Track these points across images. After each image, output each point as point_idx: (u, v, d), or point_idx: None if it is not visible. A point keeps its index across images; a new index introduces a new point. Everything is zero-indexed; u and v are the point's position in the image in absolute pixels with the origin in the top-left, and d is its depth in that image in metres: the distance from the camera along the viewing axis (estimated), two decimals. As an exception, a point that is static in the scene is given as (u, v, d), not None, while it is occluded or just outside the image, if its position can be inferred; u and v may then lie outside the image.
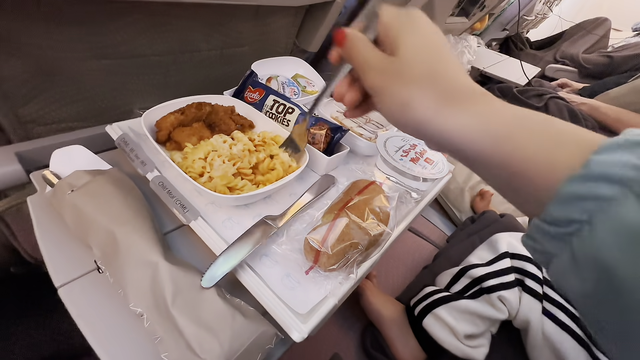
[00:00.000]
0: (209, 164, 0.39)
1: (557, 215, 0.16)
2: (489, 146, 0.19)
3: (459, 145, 0.20)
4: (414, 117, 0.21)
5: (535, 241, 0.18)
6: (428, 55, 0.22)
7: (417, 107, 0.21)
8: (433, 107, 0.21)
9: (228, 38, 0.62)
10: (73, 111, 0.52)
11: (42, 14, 0.38)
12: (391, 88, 0.22)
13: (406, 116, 0.22)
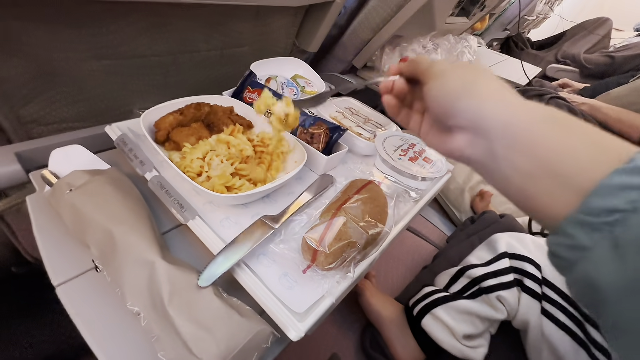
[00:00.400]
0: (207, 163, 0.39)
1: (599, 205, 0.17)
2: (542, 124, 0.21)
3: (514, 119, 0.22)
4: (478, 91, 0.23)
5: (567, 236, 0.18)
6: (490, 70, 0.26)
7: (481, 86, 0.24)
8: (496, 87, 0.23)
9: (228, 38, 0.62)
10: (73, 111, 0.52)
11: (43, 15, 0.38)
12: (460, 71, 0.25)
13: (468, 90, 0.24)
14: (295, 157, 0.46)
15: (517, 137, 0.21)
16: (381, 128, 0.58)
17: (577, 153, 0.19)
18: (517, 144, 0.21)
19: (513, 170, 0.22)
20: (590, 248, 0.17)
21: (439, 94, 0.25)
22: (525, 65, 1.64)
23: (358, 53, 0.86)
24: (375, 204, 0.38)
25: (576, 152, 0.19)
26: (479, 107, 0.23)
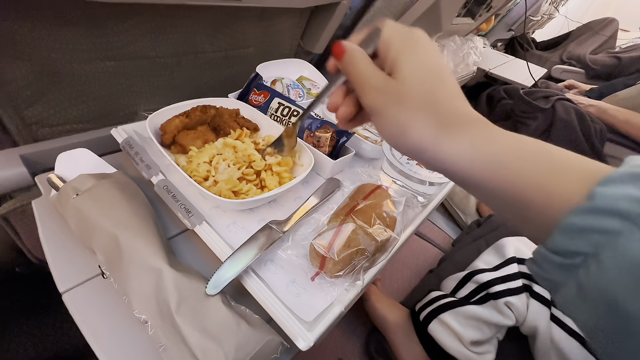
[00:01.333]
0: (213, 167, 0.39)
1: (562, 245, 0.16)
2: (488, 173, 0.20)
3: (457, 171, 0.21)
4: (412, 142, 0.22)
5: (540, 268, 0.18)
6: (428, 80, 0.22)
7: (415, 134, 0.21)
8: (431, 133, 0.21)
9: (233, 39, 0.62)
10: (78, 112, 0.52)
11: (47, 16, 0.38)
12: (390, 110, 0.22)
13: (404, 141, 0.22)
14: (302, 160, 0.45)
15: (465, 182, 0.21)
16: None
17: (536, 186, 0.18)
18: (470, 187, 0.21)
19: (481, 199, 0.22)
20: (561, 284, 0.17)
21: (382, 134, 0.24)
22: (530, 66, 1.63)
23: (363, 54, 0.85)
24: (383, 210, 0.37)
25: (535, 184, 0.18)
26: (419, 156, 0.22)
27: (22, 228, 0.53)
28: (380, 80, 0.22)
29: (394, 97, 0.22)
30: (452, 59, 0.97)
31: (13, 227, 0.53)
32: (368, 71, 0.23)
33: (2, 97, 0.43)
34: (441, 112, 0.21)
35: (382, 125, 0.23)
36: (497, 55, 1.72)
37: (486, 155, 0.20)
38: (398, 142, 0.22)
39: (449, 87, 0.22)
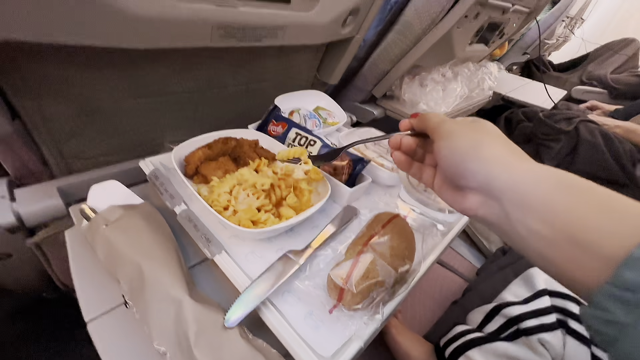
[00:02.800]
0: (233, 197, 0.40)
1: (634, 279, 0.15)
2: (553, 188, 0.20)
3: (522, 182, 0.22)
4: (485, 153, 0.24)
5: (603, 310, 0.16)
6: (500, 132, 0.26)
7: (489, 147, 0.24)
8: (504, 151, 0.24)
9: (253, 74, 0.66)
10: (110, 145, 0.55)
11: (87, 61, 0.42)
12: (467, 131, 0.26)
13: (475, 152, 0.24)
14: (319, 189, 0.46)
15: (530, 203, 0.21)
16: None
17: (597, 221, 0.18)
18: (531, 210, 0.21)
19: (530, 234, 0.21)
20: (629, 325, 0.15)
21: (448, 154, 0.26)
22: (549, 88, 1.61)
23: (378, 83, 0.87)
24: (402, 240, 0.36)
25: (595, 220, 0.18)
26: (487, 171, 0.23)
27: (52, 255, 0.56)
28: (454, 120, 0.27)
29: (471, 126, 0.26)
30: (466, 85, 0.97)
31: (45, 254, 0.55)
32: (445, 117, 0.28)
33: (45, 133, 0.47)
34: (510, 145, 0.25)
35: (454, 141, 0.25)
36: (513, 79, 1.72)
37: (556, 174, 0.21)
38: (468, 154, 0.24)
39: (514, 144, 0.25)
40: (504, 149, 0.24)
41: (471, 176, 0.24)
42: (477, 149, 0.24)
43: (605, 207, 0.19)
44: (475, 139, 0.25)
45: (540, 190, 0.21)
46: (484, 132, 0.26)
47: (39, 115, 0.44)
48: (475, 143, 0.24)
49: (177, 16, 0.39)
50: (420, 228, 0.43)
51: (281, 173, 0.46)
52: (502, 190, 0.22)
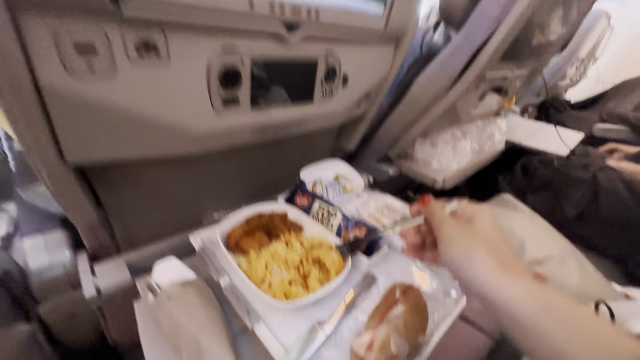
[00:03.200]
0: (269, 272, 0.47)
1: None
2: (539, 311, 0.23)
3: (510, 303, 0.25)
4: (476, 266, 0.27)
5: None
6: (494, 235, 0.30)
7: (480, 261, 0.27)
8: (493, 266, 0.26)
9: (281, 150, 0.77)
10: (164, 218, 0.66)
11: (155, 161, 0.54)
12: (462, 239, 0.29)
13: (469, 265, 0.27)
14: (340, 259, 0.52)
15: (521, 324, 0.24)
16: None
17: (578, 348, 0.21)
18: (523, 330, 0.24)
19: (525, 348, 0.24)
20: None
21: (447, 260, 0.29)
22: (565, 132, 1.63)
23: (391, 146, 0.96)
24: (416, 312, 0.41)
25: (576, 346, 0.21)
26: (480, 284, 0.26)
27: (108, 313, 0.64)
28: (456, 222, 0.31)
29: (466, 233, 0.29)
30: (476, 141, 1.04)
31: (104, 314, 0.64)
32: (446, 215, 0.32)
33: (118, 215, 0.58)
34: (502, 256, 0.27)
35: (452, 250, 0.29)
36: (526, 124, 1.76)
37: (541, 295, 0.24)
38: (463, 265, 0.28)
39: (508, 246, 0.29)
40: (494, 260, 0.27)
41: (468, 285, 0.28)
42: (469, 260, 0.27)
43: (586, 333, 0.22)
44: (467, 249, 0.28)
45: (528, 313, 0.24)
46: (477, 239, 0.28)
47: (115, 202, 0.56)
48: (468, 254, 0.28)
49: (223, 128, 0.50)
50: (434, 296, 0.48)
51: (307, 245, 0.54)
52: (495, 305, 0.25)
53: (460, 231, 0.30)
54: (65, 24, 0.31)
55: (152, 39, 0.36)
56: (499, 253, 0.28)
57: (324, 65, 0.57)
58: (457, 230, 0.30)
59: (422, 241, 0.37)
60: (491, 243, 0.28)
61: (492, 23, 0.66)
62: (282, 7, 0.43)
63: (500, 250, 0.28)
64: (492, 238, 0.29)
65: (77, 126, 0.37)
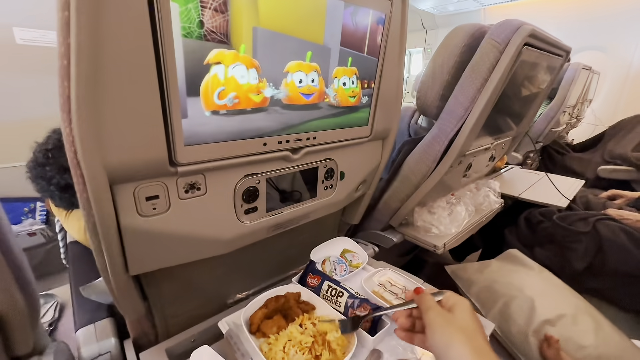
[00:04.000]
0: (286, 354, 0.55)
1: None
2: None
3: None
4: (454, 352, 0.34)
5: None
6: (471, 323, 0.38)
7: (456, 347, 0.34)
8: (468, 353, 0.33)
9: (293, 234, 0.88)
10: (195, 304, 0.76)
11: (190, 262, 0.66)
12: (443, 328, 0.36)
13: (448, 349, 0.34)
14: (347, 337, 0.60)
15: None
16: (417, 297, 0.71)
17: None
18: None
19: None
20: None
21: (430, 346, 0.37)
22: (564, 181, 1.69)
23: (392, 216, 1.07)
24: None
25: None
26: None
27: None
28: (441, 311, 0.39)
29: (447, 320, 0.37)
30: (472, 203, 1.13)
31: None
32: (434, 304, 0.40)
33: (159, 306, 0.68)
34: (477, 344, 0.34)
35: (434, 338, 0.36)
36: (525, 176, 1.83)
37: None
38: (443, 350, 0.34)
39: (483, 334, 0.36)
40: (469, 348, 0.33)
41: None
42: (448, 348, 0.34)
43: None
44: (447, 335, 0.35)
45: None
46: (457, 328, 0.35)
47: (157, 296, 0.67)
48: (447, 343, 0.34)
49: (246, 232, 0.62)
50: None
51: (318, 330, 0.62)
52: None
53: (443, 318, 0.38)
54: (142, 186, 0.46)
55: (195, 181, 0.51)
56: (474, 341, 0.34)
57: (324, 168, 0.71)
58: (440, 317, 0.38)
59: (412, 325, 0.45)
60: (468, 332, 0.35)
61: (459, 119, 0.80)
62: (287, 140, 0.59)
63: (475, 338, 0.35)
64: (469, 327, 0.36)
65: (140, 249, 0.50)
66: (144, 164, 0.44)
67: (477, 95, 0.78)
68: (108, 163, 0.40)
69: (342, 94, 0.63)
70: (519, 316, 0.98)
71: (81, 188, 0.41)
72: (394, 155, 1.05)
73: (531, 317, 0.97)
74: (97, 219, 0.43)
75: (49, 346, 0.56)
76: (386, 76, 0.70)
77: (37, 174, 0.82)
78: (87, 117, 0.38)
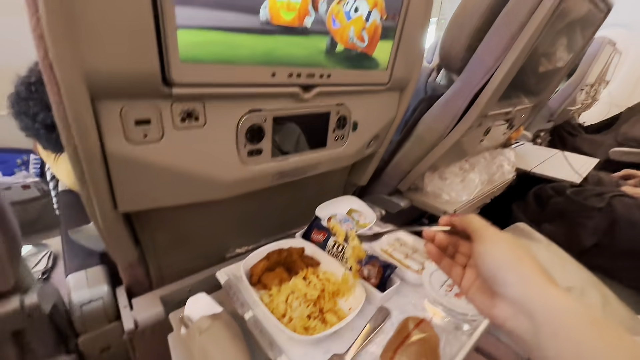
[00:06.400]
0: (289, 305, 0.51)
1: None
2: (590, 327, 0.23)
3: (558, 315, 0.24)
4: (524, 270, 0.27)
5: None
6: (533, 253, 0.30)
7: (528, 266, 0.27)
8: (539, 274, 0.26)
9: (296, 189, 0.83)
10: (191, 254, 0.72)
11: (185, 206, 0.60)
12: (508, 243, 0.29)
13: (517, 267, 0.27)
14: (355, 293, 0.56)
15: (564, 333, 0.23)
16: (428, 259, 0.67)
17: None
18: (563, 339, 0.23)
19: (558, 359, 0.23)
20: None
21: (490, 260, 0.29)
22: (577, 158, 1.63)
23: (401, 180, 1.01)
24: (427, 346, 0.44)
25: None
26: (525, 287, 0.26)
27: (138, 346, 0.69)
28: (498, 230, 0.31)
29: (512, 240, 0.30)
30: (485, 172, 1.07)
31: (134, 347, 0.68)
32: (484, 221, 0.33)
33: (152, 253, 0.64)
34: (545, 269, 0.27)
35: (498, 250, 0.29)
36: (538, 151, 1.77)
37: (585, 310, 0.24)
38: (512, 266, 0.27)
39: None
40: (541, 271, 0.27)
41: (509, 286, 0.27)
42: (519, 262, 0.27)
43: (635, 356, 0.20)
44: (517, 253, 0.28)
45: (574, 323, 0.23)
46: (525, 250, 0.29)
47: (151, 242, 0.62)
48: (518, 257, 0.27)
49: (248, 176, 0.57)
50: (446, 329, 0.50)
51: (324, 279, 0.58)
52: (536, 310, 0.25)
53: (507, 236, 0.30)
54: (130, 106, 0.39)
55: (193, 109, 0.44)
56: (543, 268, 0.28)
57: (336, 115, 0.64)
58: (503, 235, 0.30)
59: (444, 249, 0.37)
60: (535, 258, 0.29)
61: (488, 71, 0.72)
62: (299, 74, 0.51)
63: (543, 267, 0.28)
64: (535, 256, 0.29)
65: (129, 182, 0.44)
66: (132, 77, 0.37)
67: (510, 43, 0.69)
68: (88, 69, 0.34)
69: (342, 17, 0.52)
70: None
71: (57, 100, 0.35)
72: (407, 115, 0.97)
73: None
74: (78, 139, 0.37)
75: (33, 285, 0.52)
76: (412, 11, 0.61)
77: (20, 110, 0.74)
78: (59, 6, 0.30)
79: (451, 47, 0.80)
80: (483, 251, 0.30)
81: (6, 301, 0.50)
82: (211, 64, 0.42)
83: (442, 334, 0.50)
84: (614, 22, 3.10)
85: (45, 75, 0.34)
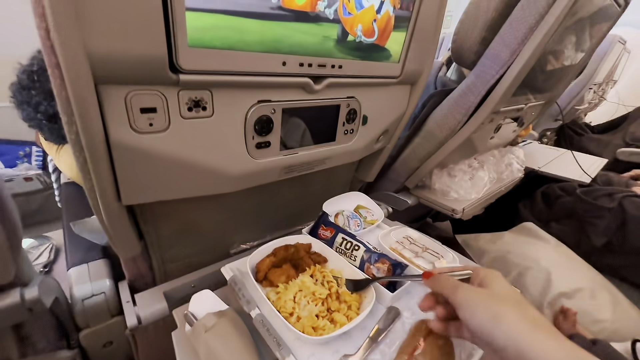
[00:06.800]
0: (296, 304, 0.50)
1: None
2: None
3: (547, 348, 0.25)
4: (506, 328, 0.27)
5: None
6: (514, 294, 0.30)
7: (508, 321, 0.27)
8: (522, 324, 0.27)
9: (304, 184, 0.81)
10: (195, 249, 0.70)
11: (191, 199, 0.59)
12: (484, 302, 0.29)
13: (498, 327, 0.27)
14: (365, 294, 0.54)
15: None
16: (438, 257, 0.65)
17: None
18: None
19: None
20: None
21: (474, 325, 0.29)
22: (586, 158, 1.60)
23: (409, 177, 0.99)
24: (442, 351, 0.42)
25: None
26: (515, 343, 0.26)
27: (140, 342, 0.67)
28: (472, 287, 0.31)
29: (486, 295, 0.30)
30: (494, 170, 1.05)
31: (136, 342, 0.67)
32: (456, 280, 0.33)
33: (156, 247, 0.63)
34: (529, 313, 0.27)
35: (476, 315, 0.29)
36: (545, 150, 1.74)
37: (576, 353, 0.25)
38: (493, 327, 0.27)
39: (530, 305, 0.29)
40: (525, 319, 0.27)
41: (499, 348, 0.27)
42: (499, 321, 0.27)
43: None
44: (494, 311, 0.28)
45: None
46: (501, 301, 0.28)
47: (155, 235, 0.61)
48: (496, 315, 0.27)
49: (256, 169, 0.55)
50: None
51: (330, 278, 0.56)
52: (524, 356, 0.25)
53: (479, 293, 0.30)
54: (135, 93, 0.37)
55: (201, 98, 0.42)
56: (523, 308, 0.28)
57: (346, 108, 0.62)
58: (475, 293, 0.30)
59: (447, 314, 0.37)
60: (515, 302, 0.29)
61: (503, 65, 0.70)
62: (310, 64, 0.49)
63: (527, 309, 0.28)
64: (515, 297, 0.29)
65: (134, 173, 0.43)
66: (138, 60, 0.35)
67: (528, 35, 0.67)
68: (91, 49, 0.32)
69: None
70: (534, 287, 0.94)
71: (58, 83, 0.33)
72: (416, 111, 0.95)
73: (547, 288, 0.93)
74: (81, 125, 0.35)
75: (34, 278, 0.51)
76: (427, 1, 0.59)
77: (22, 99, 0.73)
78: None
79: (464, 41, 0.78)
80: (465, 318, 0.30)
81: (6, 294, 0.49)
82: (220, 50, 0.40)
83: (455, 335, 0.48)
84: (623, 21, 3.06)
85: (46, 58, 0.32)
